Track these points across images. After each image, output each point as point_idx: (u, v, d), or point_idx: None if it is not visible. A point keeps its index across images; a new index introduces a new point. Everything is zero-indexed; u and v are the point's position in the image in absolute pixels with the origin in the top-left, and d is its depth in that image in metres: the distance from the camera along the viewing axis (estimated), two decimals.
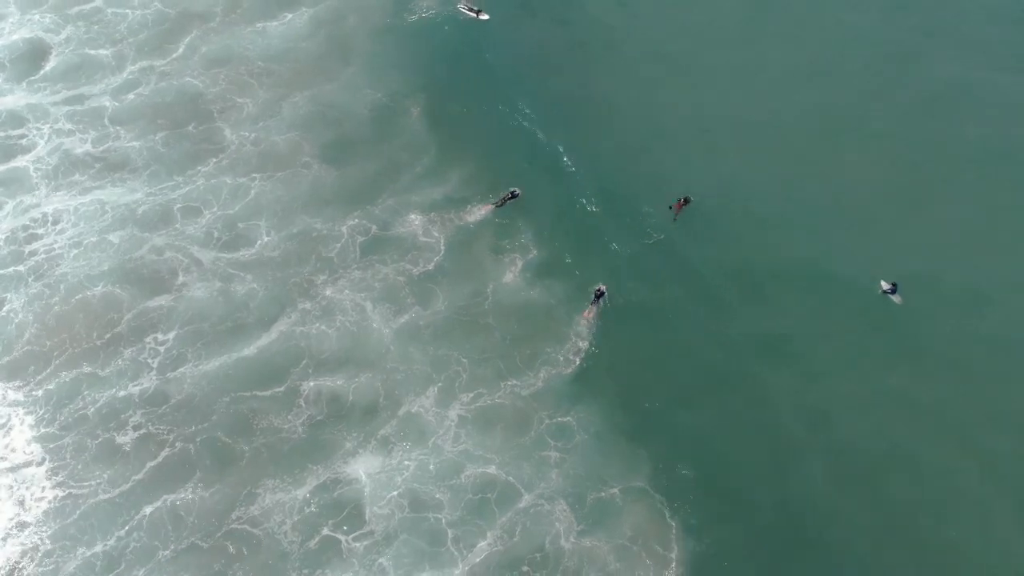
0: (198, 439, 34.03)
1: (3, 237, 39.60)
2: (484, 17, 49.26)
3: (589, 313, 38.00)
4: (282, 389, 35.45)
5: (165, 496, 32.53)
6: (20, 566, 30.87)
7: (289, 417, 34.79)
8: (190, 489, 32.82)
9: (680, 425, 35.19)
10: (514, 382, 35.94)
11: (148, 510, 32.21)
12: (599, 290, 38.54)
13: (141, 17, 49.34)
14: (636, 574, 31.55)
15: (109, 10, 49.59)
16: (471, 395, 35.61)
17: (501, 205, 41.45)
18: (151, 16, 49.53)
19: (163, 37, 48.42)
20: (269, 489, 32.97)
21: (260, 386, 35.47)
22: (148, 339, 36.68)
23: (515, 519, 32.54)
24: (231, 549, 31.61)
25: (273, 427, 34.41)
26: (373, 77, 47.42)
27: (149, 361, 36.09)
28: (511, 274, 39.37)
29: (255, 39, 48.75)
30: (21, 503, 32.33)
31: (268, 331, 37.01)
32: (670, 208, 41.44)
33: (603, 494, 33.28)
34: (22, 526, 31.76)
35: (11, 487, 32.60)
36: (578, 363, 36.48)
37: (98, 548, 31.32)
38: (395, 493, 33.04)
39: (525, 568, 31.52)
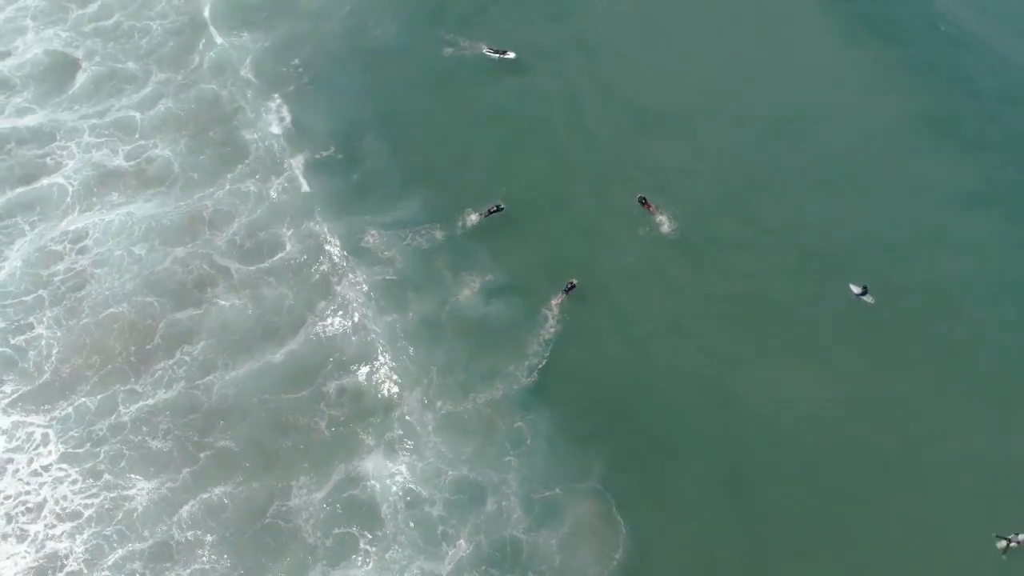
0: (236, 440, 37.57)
1: (46, 251, 42.64)
2: (511, 56, 50.76)
3: (558, 300, 41.46)
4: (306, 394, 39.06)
5: (201, 496, 36.06)
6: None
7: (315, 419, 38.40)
8: (228, 486, 36.32)
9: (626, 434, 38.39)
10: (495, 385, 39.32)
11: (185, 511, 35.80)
12: (571, 283, 41.80)
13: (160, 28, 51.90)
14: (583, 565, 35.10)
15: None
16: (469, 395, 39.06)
17: (487, 216, 44.06)
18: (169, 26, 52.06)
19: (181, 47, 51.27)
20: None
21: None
22: (180, 348, 39.92)
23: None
24: (269, 541, 35.28)
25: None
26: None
27: (178, 371, 39.29)
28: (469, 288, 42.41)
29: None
30: (67, 508, 35.81)
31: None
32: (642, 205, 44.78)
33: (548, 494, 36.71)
34: (64, 533, 35.21)
35: (53, 494, 36.07)
36: (536, 378, 39.58)
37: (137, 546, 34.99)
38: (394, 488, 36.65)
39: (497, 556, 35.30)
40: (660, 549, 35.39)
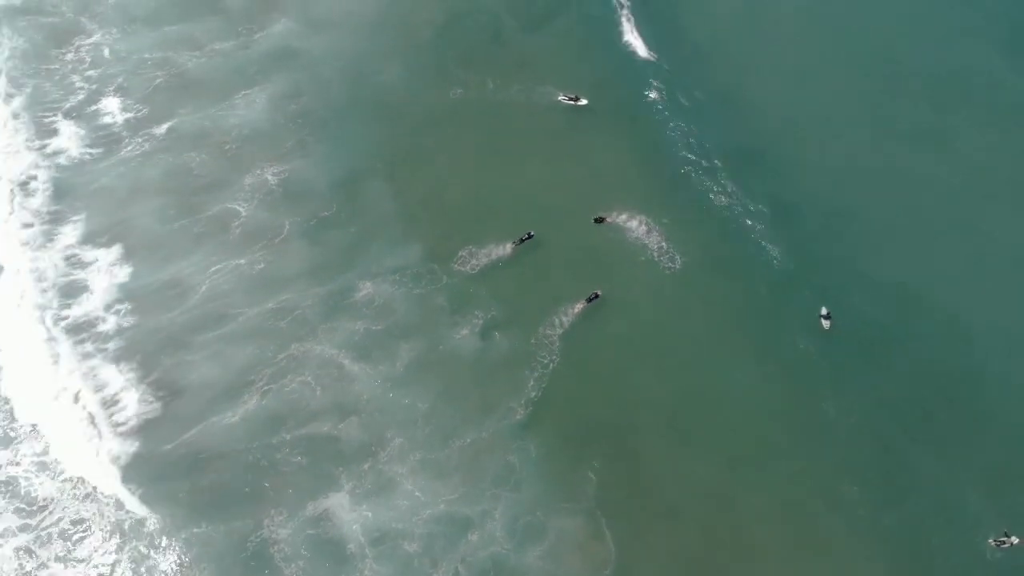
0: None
1: None
2: (583, 102, 52.45)
3: (579, 307, 45.16)
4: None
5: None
6: None
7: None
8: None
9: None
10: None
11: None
12: (595, 293, 45.62)
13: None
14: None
15: None
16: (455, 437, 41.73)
17: (519, 244, 47.18)
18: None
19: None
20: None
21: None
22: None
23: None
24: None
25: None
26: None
27: None
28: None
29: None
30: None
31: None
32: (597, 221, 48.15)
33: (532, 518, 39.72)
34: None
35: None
36: (531, 409, 42.24)
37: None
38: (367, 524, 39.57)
39: None
40: (649, 563, 38.49)
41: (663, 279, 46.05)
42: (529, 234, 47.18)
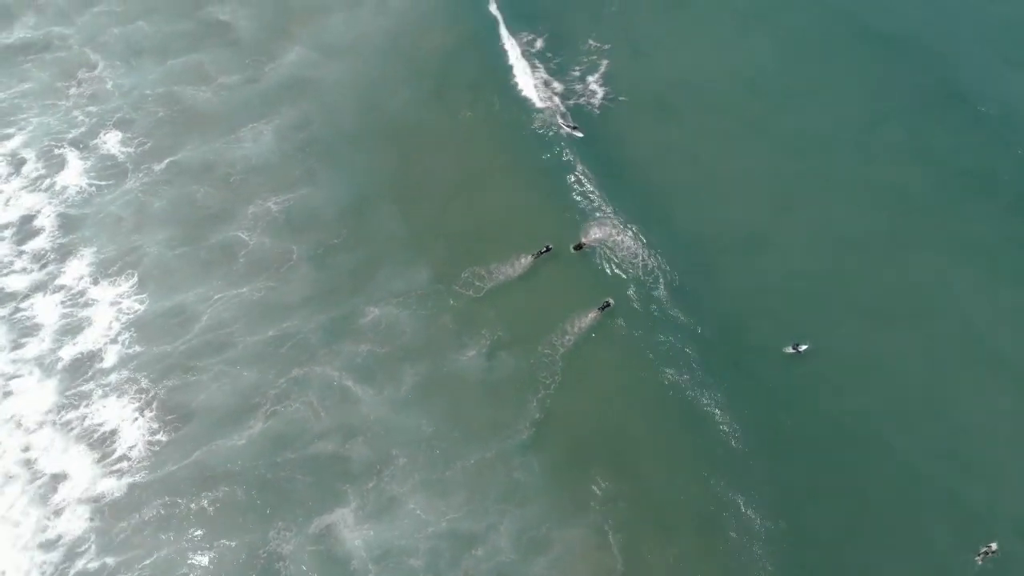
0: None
1: None
2: (579, 134, 54.90)
3: (593, 315, 46.63)
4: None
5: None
6: None
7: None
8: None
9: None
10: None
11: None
12: (607, 302, 47.09)
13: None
14: None
15: None
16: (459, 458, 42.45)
17: (537, 257, 48.66)
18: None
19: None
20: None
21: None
22: None
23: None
24: None
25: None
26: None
27: None
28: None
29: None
30: None
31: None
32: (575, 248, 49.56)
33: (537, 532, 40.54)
34: None
35: None
36: (535, 429, 43.28)
37: None
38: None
39: None
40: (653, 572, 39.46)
41: (653, 297, 47.41)
42: (547, 247, 48.79)
